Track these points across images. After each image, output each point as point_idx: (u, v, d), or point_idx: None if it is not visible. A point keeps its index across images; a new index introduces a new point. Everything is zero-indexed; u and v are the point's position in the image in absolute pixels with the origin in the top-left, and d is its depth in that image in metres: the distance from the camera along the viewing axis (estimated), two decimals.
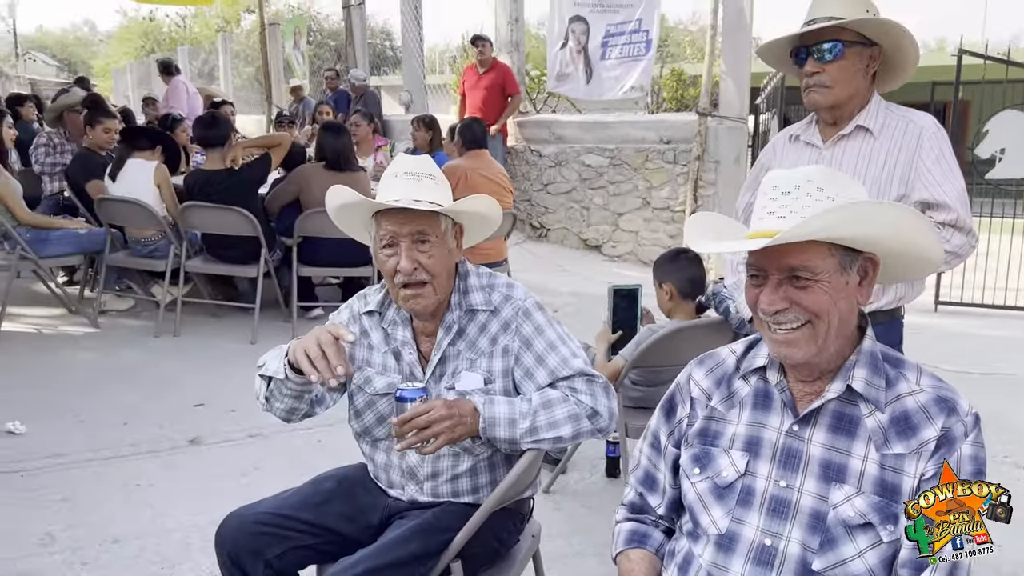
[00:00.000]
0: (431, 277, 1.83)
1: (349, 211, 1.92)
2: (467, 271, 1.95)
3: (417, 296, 1.83)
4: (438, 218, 1.84)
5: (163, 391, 4.22)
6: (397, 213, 1.80)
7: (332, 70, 11.45)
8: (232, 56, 18.85)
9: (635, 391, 3.11)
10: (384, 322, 1.96)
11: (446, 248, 1.87)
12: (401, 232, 1.81)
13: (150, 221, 5.01)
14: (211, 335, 5.14)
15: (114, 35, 40.32)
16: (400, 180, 1.83)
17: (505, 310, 1.90)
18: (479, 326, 1.90)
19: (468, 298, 1.91)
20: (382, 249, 1.84)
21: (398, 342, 1.94)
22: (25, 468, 3.31)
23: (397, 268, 1.81)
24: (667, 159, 7.63)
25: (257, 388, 1.91)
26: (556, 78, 8.33)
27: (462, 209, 1.89)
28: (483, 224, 1.99)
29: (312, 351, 1.65)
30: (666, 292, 3.02)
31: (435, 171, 1.88)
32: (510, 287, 1.94)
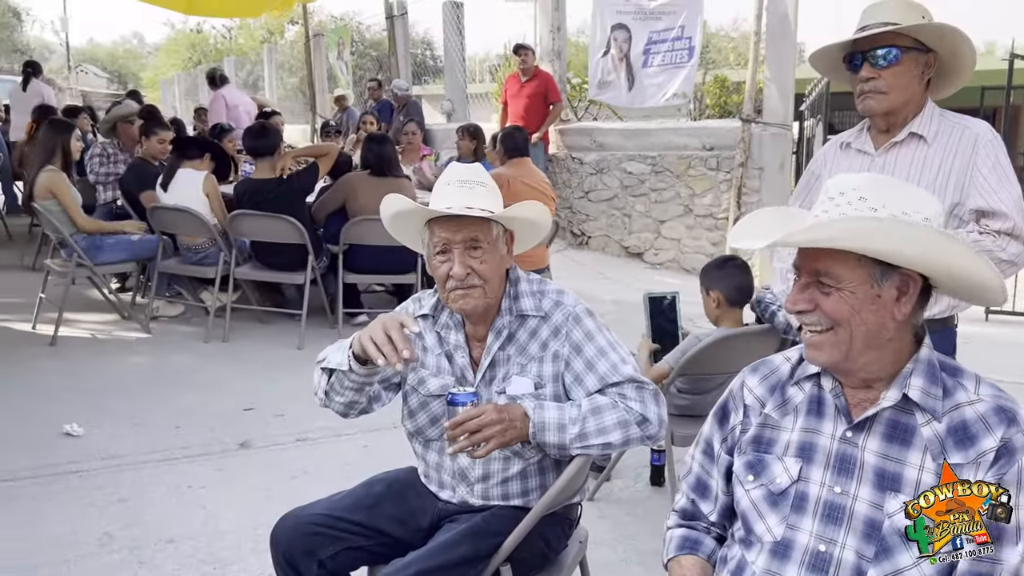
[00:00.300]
0: (483, 282, 1.86)
1: (403, 219, 1.96)
2: (518, 277, 1.98)
3: (467, 296, 1.86)
4: (490, 225, 1.87)
5: (213, 395, 4.31)
6: (450, 220, 1.84)
7: (375, 80, 11.59)
8: (276, 67, 19.18)
9: (681, 399, 3.10)
10: (437, 325, 1.99)
11: (498, 254, 1.89)
12: (454, 239, 1.84)
13: (200, 229, 5.13)
14: (259, 341, 5.23)
15: (162, 47, 41.20)
16: (453, 188, 1.87)
17: (555, 316, 1.92)
18: (529, 331, 1.92)
19: (518, 303, 1.94)
20: (435, 255, 1.88)
21: (451, 345, 1.97)
22: (83, 469, 3.41)
23: (450, 273, 1.85)
24: (710, 166, 7.59)
25: (316, 383, 1.94)
26: (598, 86, 8.34)
27: (513, 215, 1.91)
28: (533, 230, 2.02)
29: (378, 337, 1.69)
30: (713, 299, 3.02)
31: (487, 179, 1.91)
32: (560, 293, 1.96)
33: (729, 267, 3.04)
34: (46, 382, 4.40)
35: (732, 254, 3.05)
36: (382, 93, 10.95)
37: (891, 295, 1.35)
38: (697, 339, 2.94)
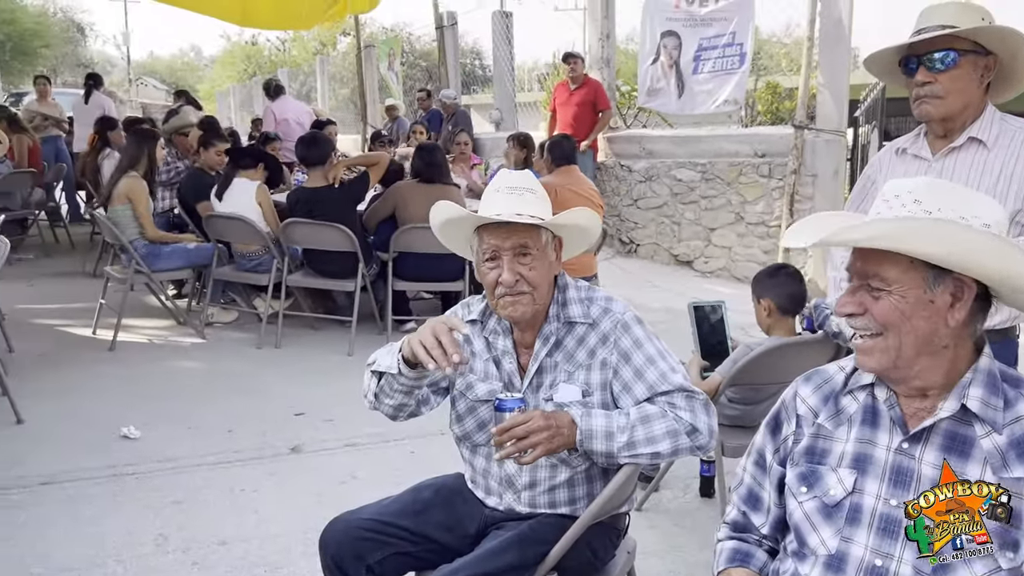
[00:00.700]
0: (532, 288, 1.86)
1: (453, 226, 1.97)
2: (566, 284, 1.97)
3: (515, 303, 1.86)
4: (539, 231, 1.87)
5: (265, 400, 4.38)
6: (499, 227, 1.85)
7: (424, 90, 11.69)
8: (329, 78, 19.48)
9: (732, 409, 3.06)
10: (486, 331, 2.00)
11: (547, 260, 1.90)
12: (503, 245, 1.85)
13: (254, 237, 5.23)
14: (310, 347, 5.31)
15: (218, 59, 42.15)
16: (502, 195, 1.88)
17: (604, 323, 1.91)
18: (577, 338, 1.92)
19: (566, 310, 1.93)
20: (485, 262, 1.89)
21: (499, 351, 1.98)
22: (139, 471, 3.49)
23: (499, 280, 1.85)
24: (762, 173, 7.49)
25: (366, 386, 1.96)
26: (647, 93, 8.29)
27: (562, 222, 1.91)
28: (582, 236, 2.01)
29: (428, 341, 1.70)
30: (764, 308, 2.97)
31: (536, 185, 1.92)
32: (609, 300, 1.95)
33: (781, 275, 2.99)
34: (105, 386, 4.52)
35: (784, 262, 3.00)
36: (431, 103, 11.04)
37: (944, 301, 1.31)
38: (748, 348, 2.90)
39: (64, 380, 4.59)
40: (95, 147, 7.24)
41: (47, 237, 8.48)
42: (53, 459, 3.57)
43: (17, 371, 4.64)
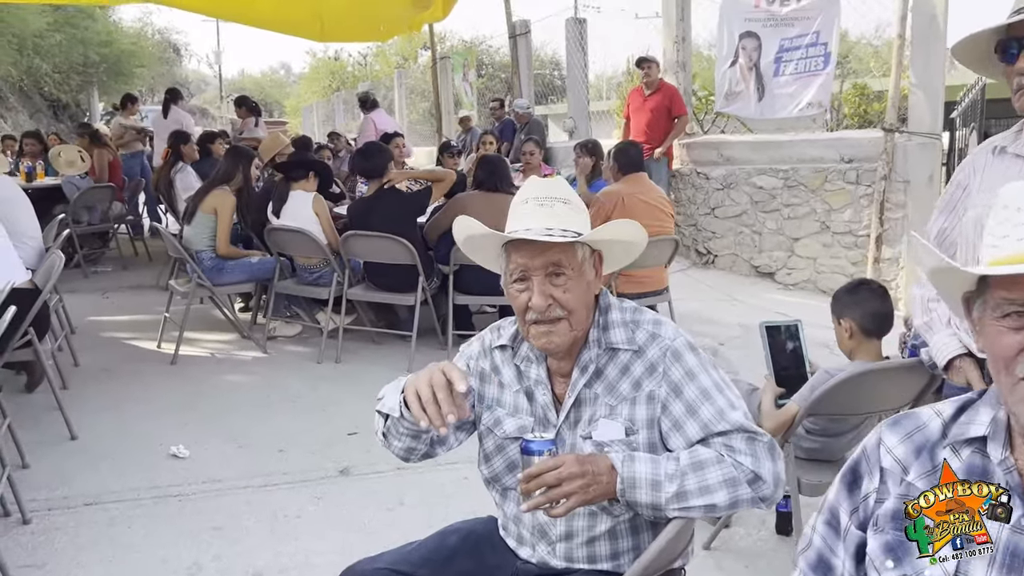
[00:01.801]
0: (567, 313, 1.63)
1: (478, 244, 1.76)
2: (608, 304, 1.74)
3: (550, 332, 1.64)
4: (574, 247, 1.64)
5: (320, 418, 4.25)
6: (528, 244, 1.62)
7: (497, 100, 11.57)
8: (408, 91, 19.63)
9: (810, 441, 2.75)
10: (517, 358, 1.78)
11: (584, 280, 1.66)
12: (533, 265, 1.62)
13: (314, 249, 5.14)
14: (370, 362, 5.18)
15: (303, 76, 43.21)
16: (531, 207, 1.65)
17: (651, 350, 1.66)
18: (620, 367, 1.68)
19: (608, 335, 1.70)
20: (513, 283, 1.67)
21: (531, 381, 1.75)
22: (183, 493, 3.39)
23: (529, 304, 1.63)
24: (849, 179, 7.05)
25: (376, 423, 1.78)
26: (725, 97, 7.93)
27: (601, 238, 1.68)
28: (626, 251, 1.77)
29: (423, 392, 1.49)
30: (846, 329, 2.66)
31: (570, 195, 1.69)
32: (657, 324, 1.70)
33: (863, 292, 2.67)
34: (162, 401, 4.48)
35: (867, 277, 2.68)
36: (504, 112, 10.90)
37: None
38: (828, 374, 2.58)
39: (123, 394, 4.56)
40: (168, 161, 7.33)
41: (126, 251, 8.65)
42: (100, 478, 3.50)
43: (79, 385, 4.64)
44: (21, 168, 8.26)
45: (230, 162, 5.57)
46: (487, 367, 1.81)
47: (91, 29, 19.49)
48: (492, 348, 1.82)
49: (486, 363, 1.82)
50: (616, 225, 1.70)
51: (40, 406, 4.21)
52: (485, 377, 1.81)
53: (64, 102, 21.56)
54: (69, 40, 18.15)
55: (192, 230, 5.30)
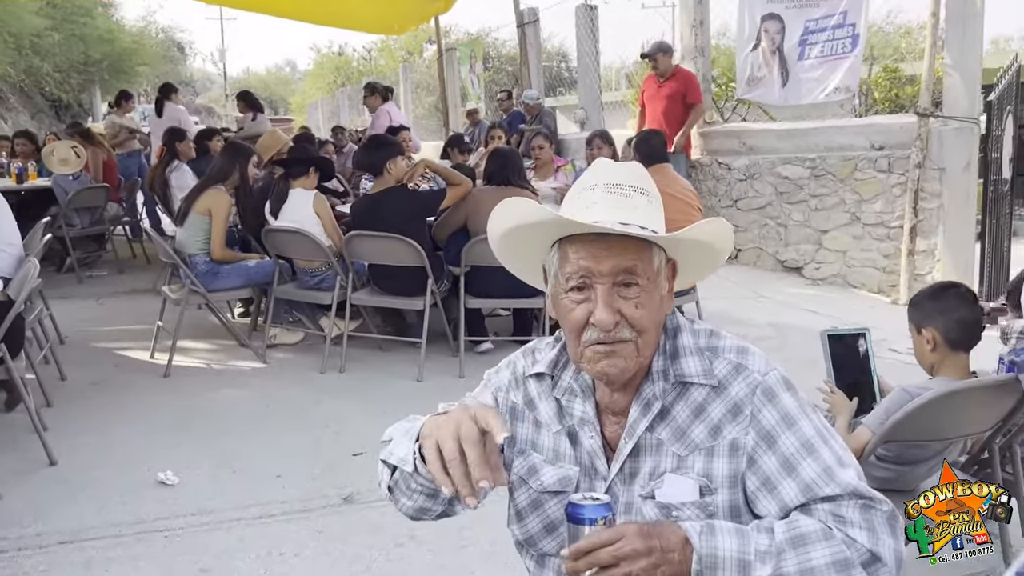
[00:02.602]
0: (636, 334, 1.28)
1: (521, 237, 1.38)
2: (678, 326, 1.38)
3: (612, 355, 1.28)
4: (651, 251, 1.30)
5: (322, 436, 3.91)
6: (595, 241, 1.27)
7: (505, 91, 11.20)
8: (414, 85, 19.26)
9: (882, 470, 2.37)
10: (557, 390, 1.42)
11: (657, 294, 1.31)
12: (599, 270, 1.27)
13: (315, 251, 4.79)
14: (376, 371, 4.83)
15: (308, 72, 42.95)
16: (599, 194, 1.30)
17: (735, 387, 1.30)
18: (693, 407, 1.32)
19: (678, 365, 1.34)
20: (568, 292, 1.31)
21: (575, 419, 1.39)
22: (169, 527, 3.04)
23: (592, 320, 1.27)
24: (880, 168, 6.66)
25: (379, 473, 1.42)
26: (747, 83, 7.54)
27: (694, 237, 1.32)
28: (708, 260, 1.42)
29: (448, 448, 1.13)
30: (928, 340, 2.28)
31: (649, 184, 1.34)
32: (743, 353, 1.34)
33: (949, 297, 2.29)
34: (153, 419, 4.13)
35: (953, 281, 2.31)
36: (512, 104, 10.52)
37: None
38: (907, 394, 2.22)
39: (111, 412, 4.22)
40: (163, 160, 6.99)
41: (123, 253, 8.30)
42: (79, 511, 3.16)
43: (64, 402, 4.30)
44: (12, 169, 7.92)
45: (226, 160, 5.22)
46: (520, 401, 1.46)
47: (90, 26, 19.18)
48: (526, 377, 1.46)
49: (518, 396, 1.47)
50: (714, 225, 1.34)
51: (19, 426, 3.87)
52: (518, 413, 1.46)
53: (66, 102, 21.28)
54: (68, 38, 17.85)
55: (185, 232, 4.96)
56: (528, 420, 1.45)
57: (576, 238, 1.29)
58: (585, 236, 1.27)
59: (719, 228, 1.35)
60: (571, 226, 1.28)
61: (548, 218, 1.29)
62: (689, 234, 1.31)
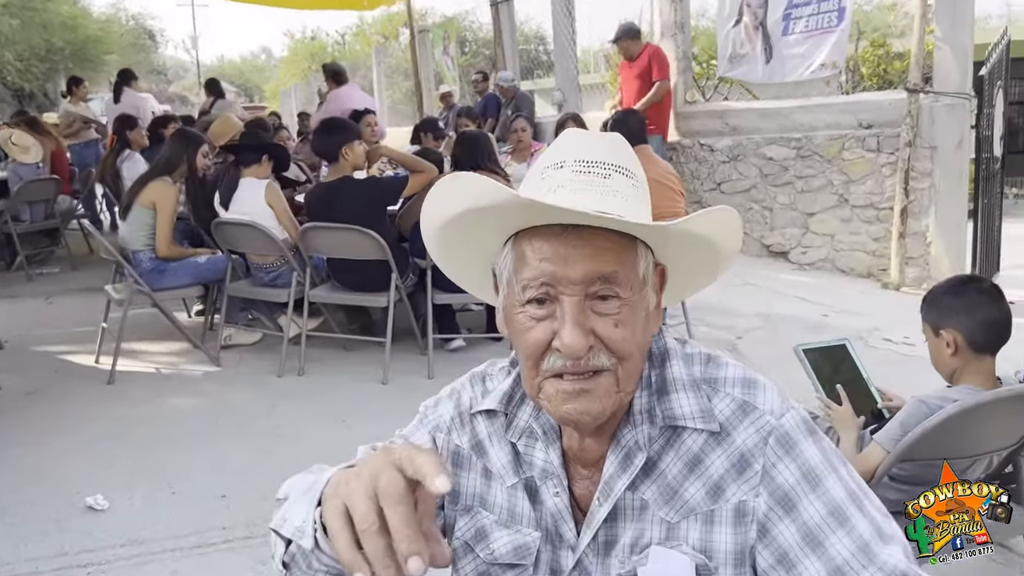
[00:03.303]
0: (616, 362, 0.97)
1: (464, 229, 1.05)
2: (666, 350, 1.07)
3: (583, 394, 0.96)
4: (636, 252, 0.98)
5: (276, 448, 3.58)
6: (563, 236, 0.95)
7: (480, 73, 10.82)
8: (389, 71, 18.81)
9: (895, 491, 2.07)
10: (513, 431, 1.10)
11: (643, 309, 1.00)
12: (568, 276, 0.95)
13: (269, 245, 4.43)
14: (339, 373, 4.49)
15: (283, 59, 42.29)
16: (569, 174, 0.99)
17: (742, 432, 0.99)
18: (687, 459, 1.01)
19: (667, 403, 1.03)
20: (523, 306, 0.98)
21: (535, 470, 1.08)
22: (93, 562, 2.70)
23: (556, 344, 0.96)
24: (868, 147, 6.38)
25: (272, 545, 1.05)
26: (729, 60, 7.22)
27: (699, 231, 1.01)
28: (709, 263, 1.10)
29: (360, 512, 0.76)
30: (947, 343, 1.98)
31: (633, 163, 1.02)
32: (750, 387, 1.03)
33: (971, 293, 1.99)
34: (90, 432, 3.77)
35: (973, 274, 2.01)
36: (488, 86, 10.16)
37: None
38: (925, 406, 1.92)
39: (45, 425, 3.86)
40: (114, 149, 6.58)
41: (78, 249, 7.88)
42: None
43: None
44: None
45: (173, 148, 4.83)
46: (465, 444, 1.15)
47: (51, 12, 18.55)
48: (473, 413, 1.14)
49: (463, 437, 1.15)
50: (722, 215, 1.02)
51: None
52: (463, 460, 1.15)
53: (29, 91, 20.64)
54: (27, 24, 17.22)
55: (128, 227, 4.59)
56: (476, 469, 1.13)
57: (537, 232, 0.96)
58: (549, 229, 0.95)
59: (727, 220, 1.02)
60: (527, 212, 0.95)
61: (507, 199, 0.95)
62: (695, 226, 0.98)
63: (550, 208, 0.91)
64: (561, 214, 0.92)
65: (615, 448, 1.03)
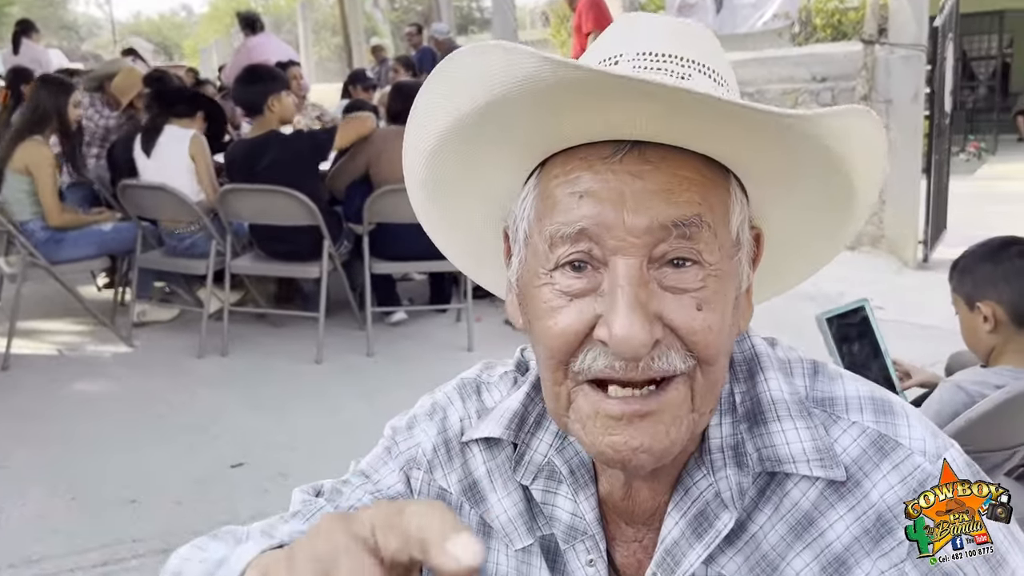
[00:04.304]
0: (696, 364, 0.62)
1: (463, 157, 0.69)
2: (754, 353, 0.73)
3: (643, 417, 0.62)
4: (729, 187, 0.64)
5: (194, 443, 3.16)
6: (616, 156, 0.61)
7: (414, 25, 10.31)
8: (317, 26, 18.01)
9: None
10: (525, 469, 0.76)
11: (735, 285, 0.66)
12: (624, 222, 0.60)
13: (182, 209, 3.95)
14: (267, 353, 4.07)
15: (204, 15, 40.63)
16: (629, 69, 0.64)
17: (878, 481, 0.66)
18: (793, 520, 0.68)
19: (763, 435, 0.69)
20: (550, 273, 0.63)
21: (559, 526, 0.74)
22: None
23: (597, 334, 0.61)
24: (823, 101, 6.18)
25: None
26: (677, 10, 6.90)
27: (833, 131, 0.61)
28: (835, 214, 0.72)
29: None
30: (986, 316, 1.68)
31: (720, 61, 0.67)
32: (885, 411, 0.69)
33: (1012, 257, 1.69)
34: None
35: (1014, 236, 1.72)
36: (422, 40, 9.66)
37: None
38: (963, 393, 1.63)
39: None
40: (7, 105, 5.91)
41: None
42: None
43: None
44: None
45: (39, 100, 4.16)
46: (452, 486, 0.80)
47: None
48: (464, 443, 0.79)
49: (450, 476, 0.80)
50: (863, 119, 0.62)
51: None
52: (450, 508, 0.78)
53: None
54: None
55: (8, 197, 4.01)
56: (469, 522, 0.78)
57: (576, 155, 0.62)
58: (594, 151, 0.62)
59: (870, 127, 0.63)
60: (559, 111, 0.59)
61: (515, 72, 0.58)
62: (834, 123, 0.60)
63: (604, 92, 0.56)
64: (624, 96, 0.56)
65: (681, 499, 0.69)
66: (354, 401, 3.35)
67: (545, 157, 0.65)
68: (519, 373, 0.80)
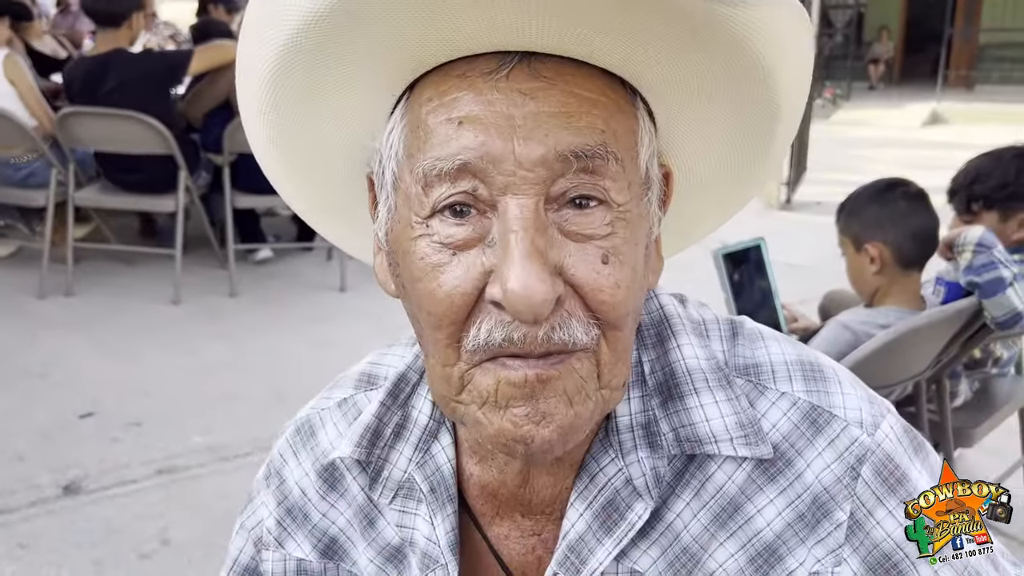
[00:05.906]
0: (601, 333, 0.52)
1: (313, 78, 0.54)
2: (663, 314, 0.63)
3: (546, 384, 0.51)
4: (635, 112, 0.53)
5: (36, 393, 2.88)
6: (500, 71, 0.50)
7: None
8: None
9: None
10: (382, 487, 0.66)
11: (645, 231, 0.55)
12: (515, 153, 0.49)
13: (15, 135, 3.54)
14: (118, 293, 3.76)
15: None
16: None
17: (812, 458, 0.58)
18: (717, 506, 0.59)
19: (679, 411, 0.59)
20: (426, 222, 0.52)
21: (419, 552, 0.65)
22: None
23: (489, 294, 0.50)
24: None
25: None
26: None
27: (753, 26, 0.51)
28: (754, 137, 0.60)
29: None
30: (872, 257, 1.70)
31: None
32: (815, 376, 0.61)
33: (898, 199, 1.71)
34: None
35: (899, 178, 1.73)
36: None
37: None
38: (849, 332, 1.65)
39: None
40: None
41: None
42: None
43: None
44: None
45: None
46: (310, 553, 0.70)
47: None
48: (323, 465, 0.69)
49: (303, 546, 0.70)
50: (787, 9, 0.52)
51: None
52: None
53: None
54: None
55: None
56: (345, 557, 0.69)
57: (451, 73, 0.51)
58: (473, 66, 0.51)
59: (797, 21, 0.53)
60: (429, 16, 0.48)
61: None
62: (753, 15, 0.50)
63: None
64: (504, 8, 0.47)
65: (586, 487, 0.59)
66: (215, 344, 3.13)
67: (415, 77, 0.53)
68: (370, 386, 0.69)
